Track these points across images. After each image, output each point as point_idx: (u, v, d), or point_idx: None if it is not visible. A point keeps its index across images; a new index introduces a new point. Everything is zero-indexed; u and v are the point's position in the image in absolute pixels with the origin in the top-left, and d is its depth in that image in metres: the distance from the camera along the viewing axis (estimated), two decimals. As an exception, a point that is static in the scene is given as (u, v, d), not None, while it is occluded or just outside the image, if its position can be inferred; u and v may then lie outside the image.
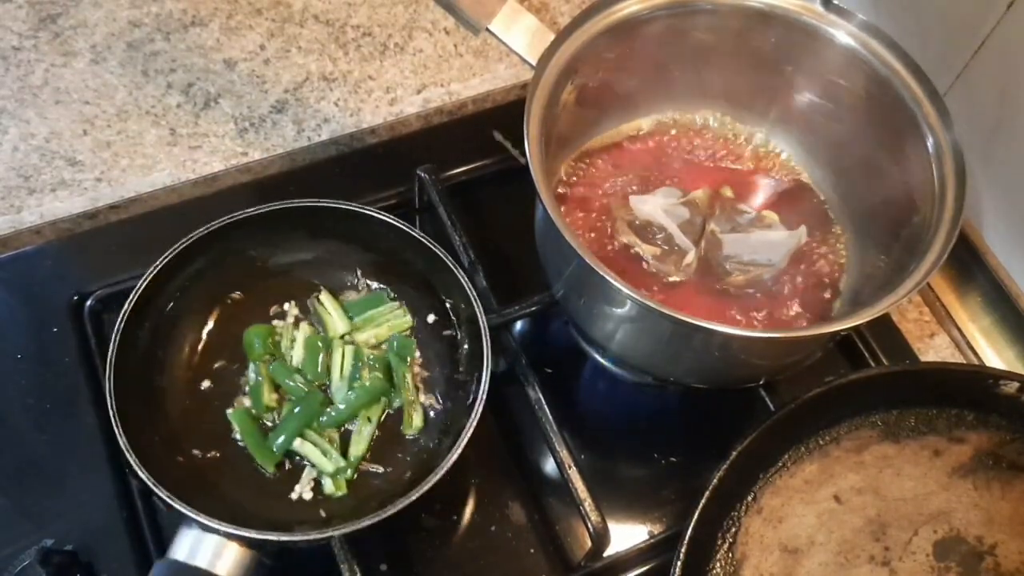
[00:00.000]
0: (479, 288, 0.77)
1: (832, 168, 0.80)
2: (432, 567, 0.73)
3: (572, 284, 0.71)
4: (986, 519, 0.70)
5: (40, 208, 0.85)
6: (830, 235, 0.79)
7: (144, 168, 0.88)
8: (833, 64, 0.73)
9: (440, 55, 0.97)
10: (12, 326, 0.80)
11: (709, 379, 0.75)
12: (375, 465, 0.73)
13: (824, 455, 0.72)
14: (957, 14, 0.79)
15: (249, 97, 0.93)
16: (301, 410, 0.73)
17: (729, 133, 0.83)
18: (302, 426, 0.73)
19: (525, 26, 0.68)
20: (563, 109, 0.72)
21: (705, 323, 0.60)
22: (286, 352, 0.77)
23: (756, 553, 0.69)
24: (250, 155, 0.90)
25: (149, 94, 0.92)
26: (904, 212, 0.71)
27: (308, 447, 0.72)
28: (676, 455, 0.79)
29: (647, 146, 0.82)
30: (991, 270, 0.84)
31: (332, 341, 0.77)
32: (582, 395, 0.83)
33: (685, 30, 0.75)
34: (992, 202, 0.83)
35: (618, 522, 0.75)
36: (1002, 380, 0.71)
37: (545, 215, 0.63)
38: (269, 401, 0.74)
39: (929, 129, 0.69)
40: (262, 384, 0.75)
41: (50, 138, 0.89)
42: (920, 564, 0.69)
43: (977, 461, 0.72)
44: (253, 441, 0.73)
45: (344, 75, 0.95)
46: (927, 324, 0.88)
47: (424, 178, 0.84)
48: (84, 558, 0.71)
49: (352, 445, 0.73)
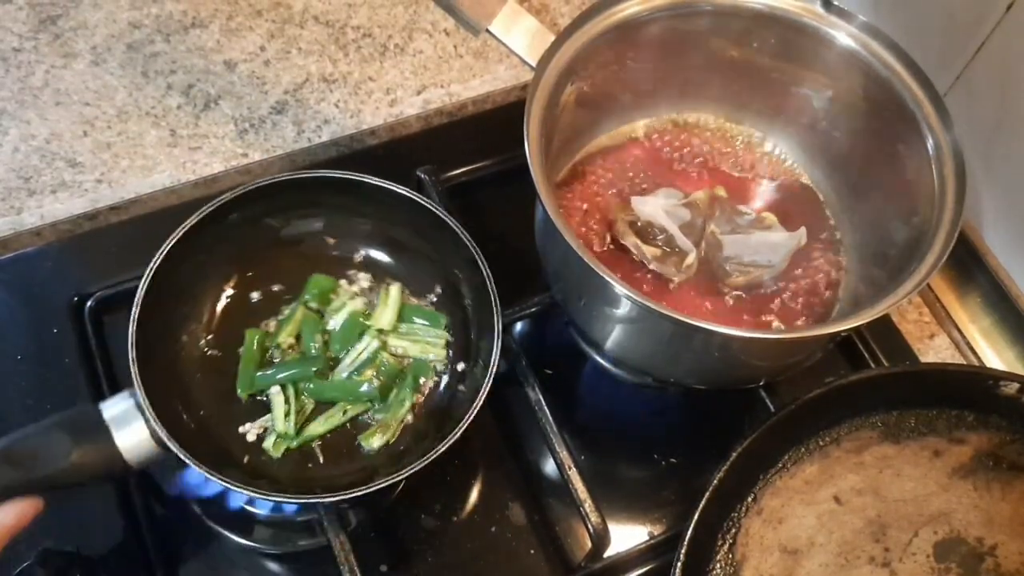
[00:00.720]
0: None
1: (832, 169, 0.80)
2: (432, 568, 0.73)
3: (572, 285, 0.71)
4: (986, 520, 0.70)
5: (40, 209, 0.85)
6: (830, 236, 0.79)
7: (144, 169, 0.88)
8: (833, 65, 0.73)
9: (440, 56, 0.97)
10: (12, 327, 0.80)
11: (709, 380, 0.75)
12: (322, 455, 0.73)
13: (824, 456, 0.72)
14: (957, 15, 0.79)
15: (249, 98, 0.93)
16: (297, 366, 0.74)
17: (729, 134, 0.83)
18: (288, 380, 0.73)
19: (525, 27, 0.68)
20: (563, 110, 0.72)
21: (705, 324, 0.60)
22: (329, 312, 0.77)
23: (756, 554, 0.69)
24: (250, 156, 0.90)
25: (149, 95, 0.92)
26: (904, 213, 0.71)
27: (277, 399, 0.73)
28: (676, 456, 0.79)
29: (647, 147, 0.82)
30: (991, 271, 0.84)
31: (368, 328, 0.77)
32: (582, 396, 0.83)
33: (685, 31, 0.75)
34: (992, 203, 0.83)
35: (618, 523, 0.75)
36: (1002, 381, 0.71)
37: (545, 216, 0.63)
38: (284, 340, 0.75)
39: (929, 130, 0.69)
40: (290, 322, 0.76)
41: (50, 139, 0.89)
42: (920, 565, 0.69)
43: (977, 462, 0.72)
44: (247, 360, 0.74)
45: (344, 76, 0.95)
46: (927, 325, 0.89)
47: (424, 179, 0.84)
48: (84, 559, 0.71)
49: (313, 423, 0.73)
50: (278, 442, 0.72)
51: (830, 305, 0.76)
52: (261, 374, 0.74)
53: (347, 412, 0.74)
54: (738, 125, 0.83)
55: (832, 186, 0.81)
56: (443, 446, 0.66)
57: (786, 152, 0.82)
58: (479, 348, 0.75)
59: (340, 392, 0.74)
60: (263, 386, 0.74)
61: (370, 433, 0.73)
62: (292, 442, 0.72)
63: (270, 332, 0.76)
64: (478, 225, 0.84)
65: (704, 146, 0.82)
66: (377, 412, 0.74)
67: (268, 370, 0.74)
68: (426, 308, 0.79)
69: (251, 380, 0.74)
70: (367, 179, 0.76)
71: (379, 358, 0.75)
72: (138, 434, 0.65)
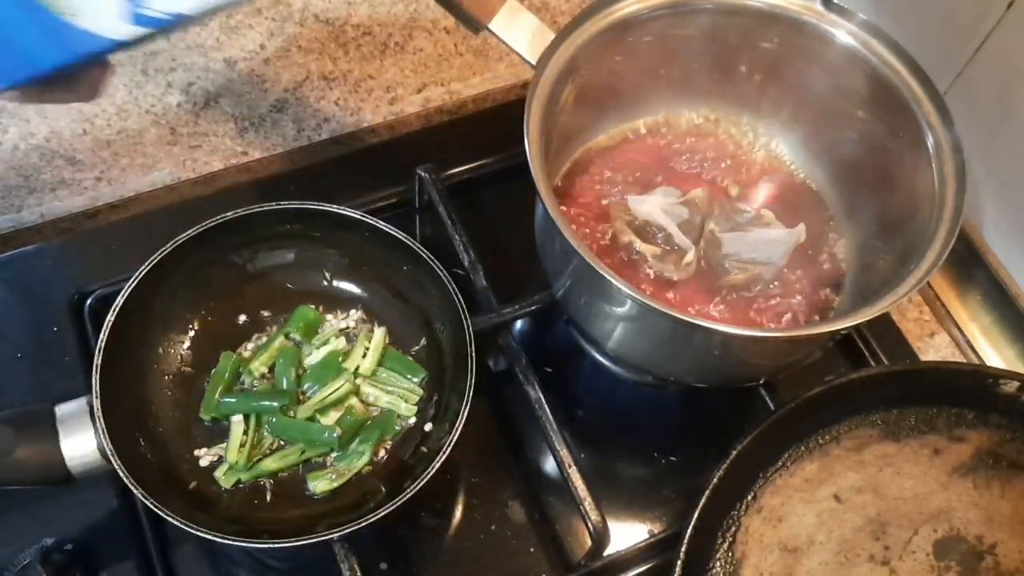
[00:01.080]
0: (478, 287, 0.78)
1: (832, 167, 0.80)
2: (432, 566, 0.73)
3: (572, 283, 0.71)
4: (986, 518, 0.71)
5: (40, 207, 0.85)
6: (829, 234, 0.79)
7: (144, 167, 0.88)
8: (833, 63, 0.73)
9: (440, 54, 0.97)
10: (12, 325, 0.80)
11: (709, 378, 0.75)
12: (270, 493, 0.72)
13: (824, 454, 0.72)
14: (957, 13, 0.79)
15: (249, 96, 0.93)
16: (265, 398, 0.73)
17: (728, 132, 0.83)
18: (252, 410, 0.73)
19: (525, 25, 0.68)
20: (563, 108, 0.72)
21: (705, 322, 0.61)
22: (310, 346, 0.76)
23: (756, 552, 0.69)
24: (250, 154, 0.90)
25: (149, 93, 0.92)
26: (904, 211, 0.71)
27: (236, 428, 0.72)
28: (676, 454, 0.79)
29: (646, 145, 0.82)
30: (991, 269, 0.84)
31: (343, 370, 0.75)
32: (582, 394, 0.83)
33: (685, 30, 0.75)
34: (992, 201, 0.83)
35: (618, 521, 0.75)
36: (1002, 379, 0.71)
37: (545, 214, 0.63)
38: (257, 368, 0.75)
39: (929, 128, 0.69)
40: (266, 351, 0.75)
41: (50, 137, 0.89)
42: (920, 563, 0.69)
43: (977, 460, 0.72)
44: (216, 383, 0.73)
45: (344, 74, 0.95)
46: (927, 323, 0.89)
47: (424, 177, 0.84)
48: (84, 557, 0.71)
49: (267, 459, 0.72)
50: (228, 473, 0.71)
51: (830, 303, 0.76)
52: (226, 400, 0.73)
53: (304, 453, 0.72)
54: (737, 123, 0.83)
55: (832, 184, 0.81)
56: (387, 508, 0.64)
57: (786, 150, 0.82)
58: (447, 409, 0.72)
59: (301, 434, 0.73)
60: (226, 412, 0.73)
61: (320, 475, 0.71)
62: (243, 474, 0.71)
63: (245, 358, 0.75)
64: (478, 223, 0.84)
65: (703, 144, 0.82)
66: (336, 459, 0.73)
67: (234, 397, 0.73)
68: (407, 359, 0.77)
69: (215, 403, 0.73)
70: (381, 225, 0.75)
71: (348, 401, 0.74)
72: (85, 444, 0.64)
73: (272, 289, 0.78)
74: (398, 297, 0.78)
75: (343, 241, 0.77)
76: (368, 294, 0.79)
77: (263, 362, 0.75)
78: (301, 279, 0.79)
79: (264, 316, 0.78)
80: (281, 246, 0.78)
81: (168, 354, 0.75)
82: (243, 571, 0.73)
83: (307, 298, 0.78)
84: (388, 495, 0.67)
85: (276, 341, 0.76)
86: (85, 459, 0.64)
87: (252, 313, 0.78)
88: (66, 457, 0.63)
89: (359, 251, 0.78)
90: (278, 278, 0.79)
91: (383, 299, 0.79)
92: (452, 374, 0.73)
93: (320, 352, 0.76)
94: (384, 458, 0.73)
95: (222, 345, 0.76)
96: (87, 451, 0.64)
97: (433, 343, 0.77)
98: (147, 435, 0.70)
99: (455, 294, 0.72)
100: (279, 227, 0.76)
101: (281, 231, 0.77)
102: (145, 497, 0.62)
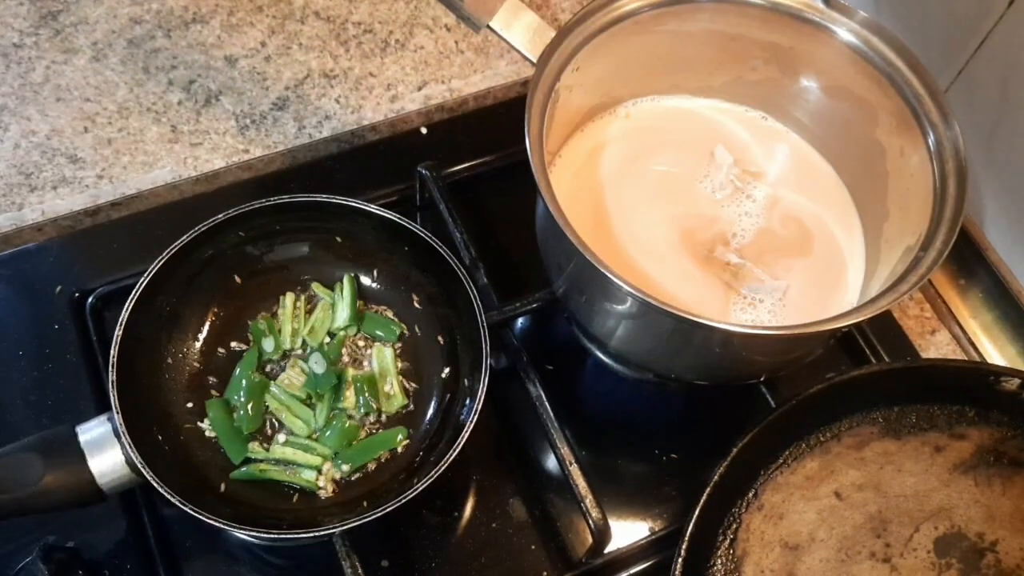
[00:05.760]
0: (479, 285, 0.78)
1: (832, 164, 0.80)
2: (433, 563, 0.73)
3: (573, 281, 0.71)
4: (987, 515, 0.70)
5: (41, 205, 0.85)
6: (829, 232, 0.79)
7: (145, 165, 0.88)
8: (834, 60, 0.73)
9: (441, 52, 0.97)
10: (13, 323, 0.80)
11: (710, 376, 0.75)
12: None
13: (825, 452, 0.72)
14: (959, 11, 0.79)
15: (250, 94, 0.93)
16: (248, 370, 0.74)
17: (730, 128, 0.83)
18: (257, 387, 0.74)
19: (526, 23, 0.68)
20: (564, 106, 0.72)
21: (706, 320, 0.60)
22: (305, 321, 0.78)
23: (757, 550, 0.69)
24: (251, 152, 0.90)
25: (150, 91, 0.92)
26: (905, 208, 0.71)
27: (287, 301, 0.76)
28: (677, 452, 0.79)
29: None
30: (992, 266, 0.84)
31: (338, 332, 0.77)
32: (583, 392, 0.83)
33: (686, 27, 0.75)
34: (993, 198, 0.82)
35: (619, 518, 0.75)
36: (1003, 376, 0.71)
37: (546, 211, 0.63)
38: (275, 353, 0.76)
39: (930, 125, 0.69)
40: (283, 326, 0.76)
41: (51, 135, 0.89)
42: (921, 560, 0.69)
43: (978, 457, 0.72)
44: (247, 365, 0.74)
45: (345, 72, 0.95)
46: (928, 321, 0.89)
47: (425, 175, 0.84)
48: (86, 555, 0.71)
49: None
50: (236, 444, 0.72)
51: (830, 301, 0.76)
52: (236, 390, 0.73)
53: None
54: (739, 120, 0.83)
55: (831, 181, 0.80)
56: (393, 504, 0.64)
57: (786, 147, 0.82)
58: (459, 408, 0.73)
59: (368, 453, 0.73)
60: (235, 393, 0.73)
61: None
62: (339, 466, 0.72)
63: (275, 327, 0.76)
64: (479, 221, 0.84)
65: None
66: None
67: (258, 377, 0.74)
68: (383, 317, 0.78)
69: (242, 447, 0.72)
70: (416, 229, 0.75)
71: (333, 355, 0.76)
72: (113, 459, 0.64)
73: (284, 286, 0.78)
74: (424, 304, 0.78)
75: (356, 236, 0.78)
76: (393, 294, 0.80)
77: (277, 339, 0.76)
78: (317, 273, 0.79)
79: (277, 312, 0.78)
80: (296, 239, 0.78)
81: (181, 355, 0.74)
82: (245, 567, 0.73)
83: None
84: (394, 492, 0.67)
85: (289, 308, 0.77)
86: (115, 475, 0.64)
87: (266, 308, 0.78)
88: (96, 476, 0.63)
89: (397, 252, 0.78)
90: (293, 270, 0.79)
91: (405, 302, 0.79)
92: (467, 372, 0.74)
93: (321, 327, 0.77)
94: (392, 456, 0.74)
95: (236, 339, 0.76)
96: (116, 466, 0.64)
97: (453, 374, 0.76)
98: (170, 443, 0.70)
99: (471, 291, 0.72)
100: (291, 222, 0.77)
101: (296, 226, 0.77)
102: (184, 504, 0.63)
